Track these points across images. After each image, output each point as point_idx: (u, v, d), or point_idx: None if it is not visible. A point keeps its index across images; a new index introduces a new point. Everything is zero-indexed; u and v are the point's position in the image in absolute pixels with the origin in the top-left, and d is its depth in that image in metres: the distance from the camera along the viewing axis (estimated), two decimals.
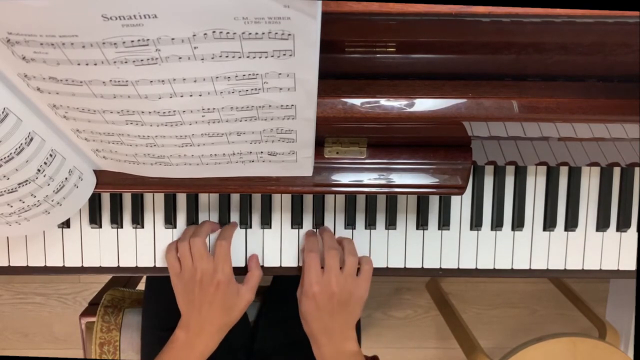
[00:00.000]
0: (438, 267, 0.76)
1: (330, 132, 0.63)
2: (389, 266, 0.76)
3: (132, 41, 0.40)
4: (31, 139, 0.52)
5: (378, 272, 0.76)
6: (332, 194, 0.74)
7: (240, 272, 0.74)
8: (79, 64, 0.43)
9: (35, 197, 0.57)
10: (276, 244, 0.75)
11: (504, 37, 0.51)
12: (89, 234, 0.75)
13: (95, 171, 0.64)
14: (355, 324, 0.70)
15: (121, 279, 1.07)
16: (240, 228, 0.75)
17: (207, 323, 0.68)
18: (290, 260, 0.75)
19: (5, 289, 1.58)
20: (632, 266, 0.76)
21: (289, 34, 0.41)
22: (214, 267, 0.67)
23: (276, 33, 0.41)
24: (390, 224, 0.75)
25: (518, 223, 0.75)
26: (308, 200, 0.75)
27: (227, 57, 0.43)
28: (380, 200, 0.75)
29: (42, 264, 0.75)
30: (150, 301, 0.87)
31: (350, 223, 0.75)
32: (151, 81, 0.45)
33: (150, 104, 0.48)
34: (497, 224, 0.75)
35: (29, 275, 0.76)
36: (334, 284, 0.66)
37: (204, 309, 0.67)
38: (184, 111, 0.49)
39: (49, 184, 0.57)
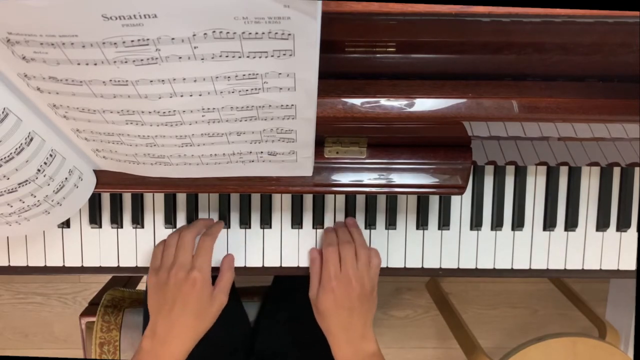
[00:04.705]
0: (438, 267, 0.76)
1: (330, 132, 0.63)
2: (389, 266, 0.76)
3: (132, 41, 0.40)
4: (31, 139, 0.52)
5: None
6: (332, 194, 0.74)
7: (240, 273, 0.74)
8: (79, 64, 0.43)
9: (35, 197, 0.57)
10: (276, 244, 0.75)
11: (504, 37, 0.51)
12: (89, 234, 0.75)
13: (95, 171, 0.64)
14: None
15: (121, 279, 1.07)
16: (240, 228, 0.75)
17: (176, 327, 0.63)
18: (290, 260, 0.75)
19: (5, 289, 1.58)
20: (632, 266, 0.76)
21: (289, 34, 0.41)
22: (193, 262, 0.65)
23: (276, 33, 0.41)
24: (390, 224, 0.75)
25: (518, 223, 0.75)
26: (308, 200, 0.75)
27: (227, 57, 0.43)
28: (380, 200, 0.75)
29: (42, 264, 0.75)
30: None
31: None
32: (151, 81, 0.45)
33: (150, 104, 0.48)
34: (497, 224, 0.75)
35: (29, 275, 0.76)
36: (353, 278, 0.66)
37: (174, 312, 0.63)
38: (184, 111, 0.49)
39: (49, 184, 0.57)
